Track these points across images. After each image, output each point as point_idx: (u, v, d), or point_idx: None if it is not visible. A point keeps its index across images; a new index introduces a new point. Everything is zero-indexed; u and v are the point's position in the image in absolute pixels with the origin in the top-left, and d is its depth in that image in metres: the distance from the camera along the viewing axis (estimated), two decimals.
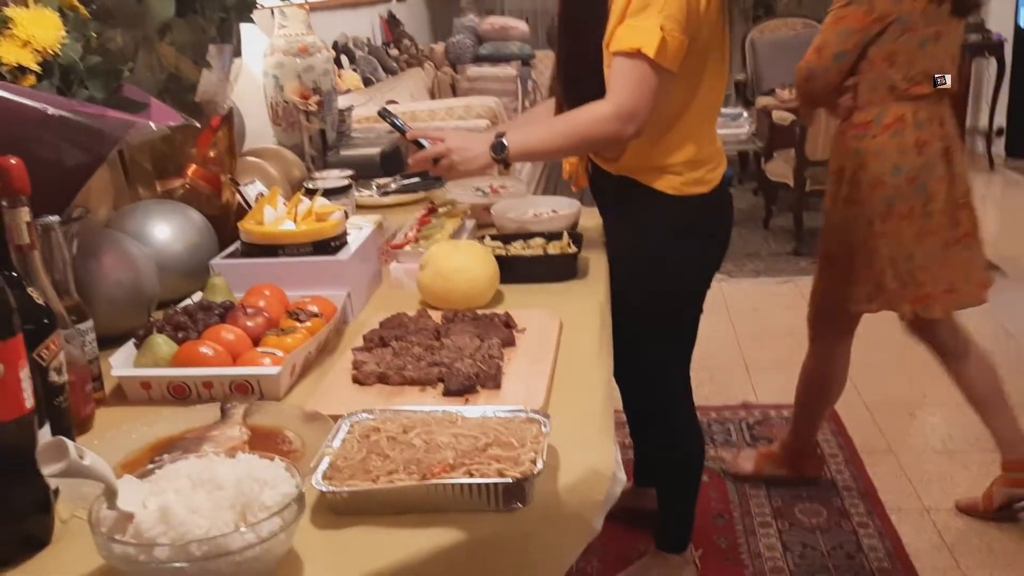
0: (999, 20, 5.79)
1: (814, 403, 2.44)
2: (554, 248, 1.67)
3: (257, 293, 1.40)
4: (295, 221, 1.53)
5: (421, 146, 1.73)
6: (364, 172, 2.38)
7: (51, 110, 1.08)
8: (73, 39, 1.18)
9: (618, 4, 1.56)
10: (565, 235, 1.70)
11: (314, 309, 1.39)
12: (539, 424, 1.00)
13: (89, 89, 1.18)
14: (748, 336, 3.54)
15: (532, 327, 1.37)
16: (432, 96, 5.86)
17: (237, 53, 1.75)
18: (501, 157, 1.65)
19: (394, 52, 5.95)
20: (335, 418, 1.04)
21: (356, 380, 1.21)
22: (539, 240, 1.71)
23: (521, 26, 6.47)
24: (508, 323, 1.37)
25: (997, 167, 5.86)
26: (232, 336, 1.27)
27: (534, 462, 0.92)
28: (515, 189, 2.13)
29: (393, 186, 2.29)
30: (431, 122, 4.27)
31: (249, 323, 1.31)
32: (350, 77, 4.82)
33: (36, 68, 1.13)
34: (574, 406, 1.13)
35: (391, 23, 6.24)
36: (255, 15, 1.87)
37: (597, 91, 1.59)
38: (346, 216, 1.61)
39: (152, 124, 1.23)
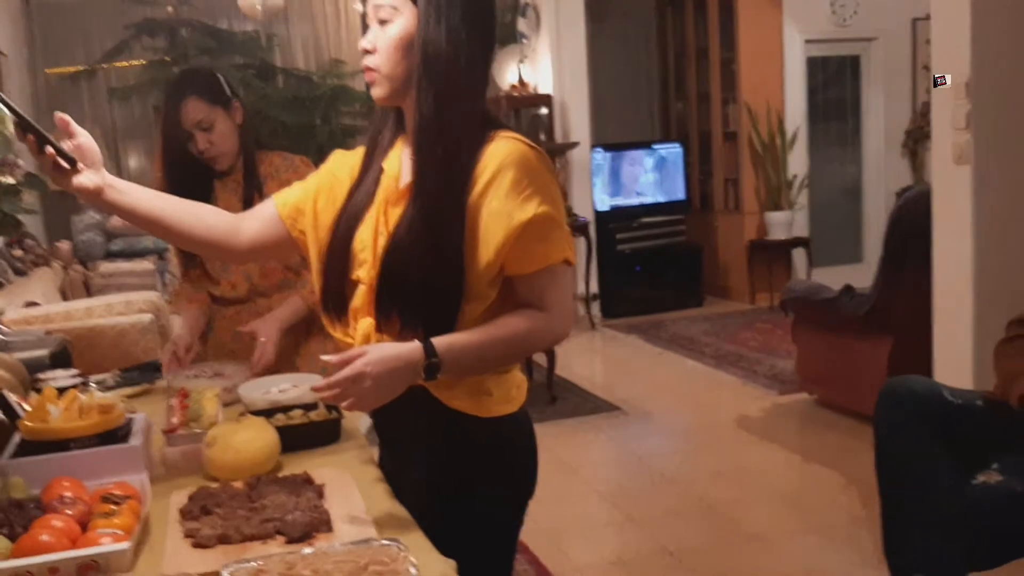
0: (581, 205, 6.96)
1: None
2: (317, 416, 1.88)
3: (57, 486, 1.46)
4: (79, 415, 1.61)
5: None
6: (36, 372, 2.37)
7: None
8: None
9: (512, 218, 1.40)
10: (321, 404, 1.92)
11: (120, 492, 1.48)
12: (395, 546, 1.22)
13: None
14: None
15: (329, 482, 1.57)
16: (64, 295, 5.66)
17: None
18: (432, 375, 1.40)
19: (18, 252, 5.69)
20: None
21: (198, 545, 1.33)
22: (298, 411, 1.91)
23: None
24: (308, 480, 1.56)
25: (597, 326, 6.90)
26: (61, 524, 1.33)
27: (413, 568, 1.15)
28: (237, 372, 2.29)
29: (110, 381, 2.34)
30: (87, 321, 4.20)
31: (68, 511, 1.38)
32: None
33: None
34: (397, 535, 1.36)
35: None
36: None
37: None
38: None
39: None
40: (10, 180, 1.70)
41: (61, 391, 1.98)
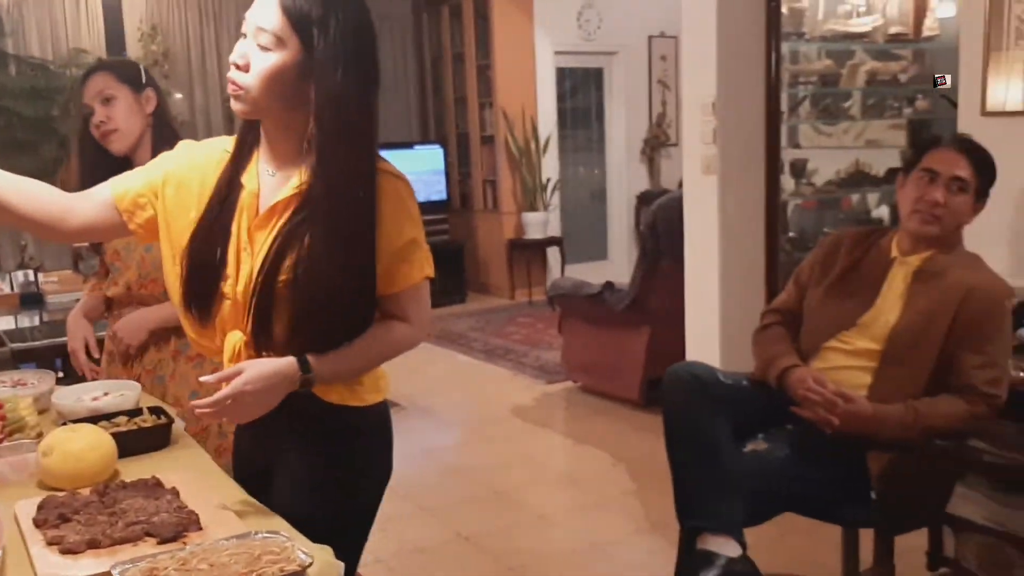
0: None
1: None
2: (145, 422, 1.87)
3: None
4: None
5: None
6: None
7: None
8: None
9: (389, 248, 1.51)
10: (145, 410, 1.91)
11: None
12: (279, 537, 1.29)
13: None
14: None
15: (179, 484, 1.59)
16: None
17: None
18: (307, 388, 1.49)
19: None
20: None
21: (67, 551, 1.33)
22: (123, 418, 1.88)
23: None
24: (159, 483, 1.57)
25: None
26: None
27: (303, 555, 1.23)
28: (42, 379, 2.21)
29: None
30: None
31: None
32: None
33: None
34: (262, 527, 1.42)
35: None
36: None
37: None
38: None
39: None
40: None
41: None
